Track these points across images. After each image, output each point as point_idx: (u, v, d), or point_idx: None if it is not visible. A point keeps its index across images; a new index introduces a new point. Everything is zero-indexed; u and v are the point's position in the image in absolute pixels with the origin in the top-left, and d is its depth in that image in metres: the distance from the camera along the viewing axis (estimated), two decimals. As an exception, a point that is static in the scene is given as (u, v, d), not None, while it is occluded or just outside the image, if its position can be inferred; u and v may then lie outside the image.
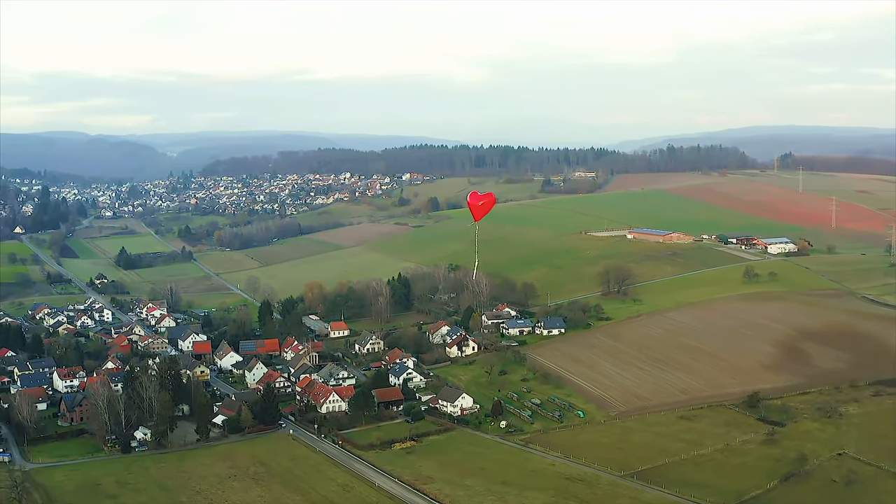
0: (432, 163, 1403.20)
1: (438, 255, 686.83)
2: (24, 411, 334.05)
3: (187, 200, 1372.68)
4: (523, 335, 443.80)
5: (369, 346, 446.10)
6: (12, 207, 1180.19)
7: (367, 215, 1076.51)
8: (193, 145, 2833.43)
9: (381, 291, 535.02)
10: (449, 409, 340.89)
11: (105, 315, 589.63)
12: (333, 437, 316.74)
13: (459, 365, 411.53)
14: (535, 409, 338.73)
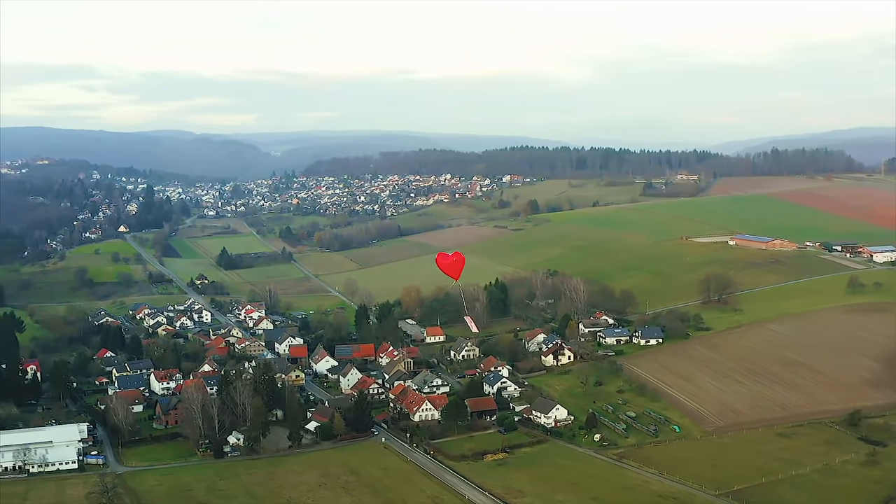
0: (533, 164, 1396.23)
1: (537, 260, 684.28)
2: (120, 414, 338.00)
3: (289, 200, 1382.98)
4: (620, 344, 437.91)
5: (464, 353, 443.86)
6: (117, 206, 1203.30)
7: (467, 217, 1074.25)
8: (297, 145, 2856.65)
9: (477, 297, 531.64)
10: (542, 420, 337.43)
11: (204, 316, 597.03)
12: (425, 446, 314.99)
13: (554, 374, 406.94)
14: (629, 423, 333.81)
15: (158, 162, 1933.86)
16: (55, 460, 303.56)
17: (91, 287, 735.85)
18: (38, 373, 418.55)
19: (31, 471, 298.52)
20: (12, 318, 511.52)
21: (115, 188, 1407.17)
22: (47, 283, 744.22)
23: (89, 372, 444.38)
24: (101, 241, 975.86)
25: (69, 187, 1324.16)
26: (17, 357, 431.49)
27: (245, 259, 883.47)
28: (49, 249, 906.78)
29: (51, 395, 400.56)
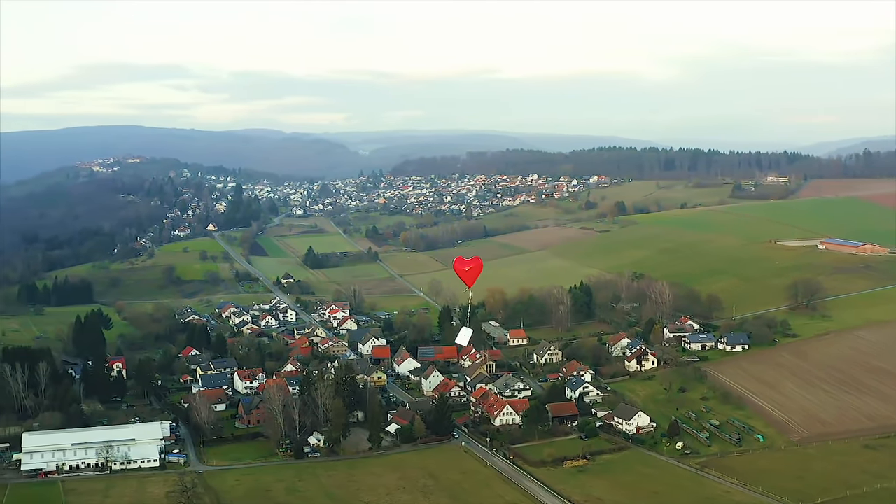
0: (620, 165, 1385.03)
1: (622, 262, 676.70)
2: (203, 412, 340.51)
3: (376, 200, 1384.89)
4: (705, 350, 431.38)
5: (547, 357, 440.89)
6: (206, 205, 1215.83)
7: (553, 218, 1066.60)
8: (385, 144, 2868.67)
9: (561, 299, 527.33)
10: (624, 426, 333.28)
11: (289, 315, 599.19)
12: (505, 451, 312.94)
13: (638, 380, 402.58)
14: (712, 431, 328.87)
15: (248, 161, 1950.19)
16: (137, 458, 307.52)
17: (178, 285, 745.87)
18: (123, 370, 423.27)
19: (114, 468, 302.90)
20: (100, 315, 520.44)
21: (205, 187, 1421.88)
22: (136, 280, 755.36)
23: (174, 370, 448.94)
24: (189, 239, 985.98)
25: (159, 185, 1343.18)
26: (103, 354, 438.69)
27: (331, 258, 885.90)
28: (138, 247, 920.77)
29: (135, 392, 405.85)
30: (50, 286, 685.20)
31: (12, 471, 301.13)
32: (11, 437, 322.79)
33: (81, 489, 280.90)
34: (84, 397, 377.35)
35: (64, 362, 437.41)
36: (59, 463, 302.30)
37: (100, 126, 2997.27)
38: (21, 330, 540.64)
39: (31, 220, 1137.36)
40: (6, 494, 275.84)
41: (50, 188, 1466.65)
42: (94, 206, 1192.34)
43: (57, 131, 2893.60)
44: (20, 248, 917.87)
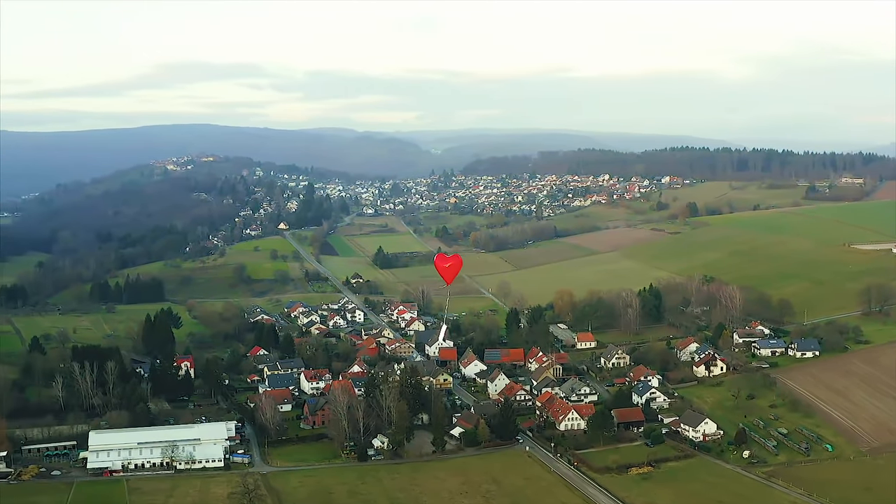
0: (693, 165, 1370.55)
1: (693, 265, 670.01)
2: (268, 413, 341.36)
3: (447, 199, 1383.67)
4: (775, 356, 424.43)
5: (614, 361, 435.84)
6: (278, 204, 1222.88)
7: (624, 219, 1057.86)
8: (457, 143, 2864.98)
9: (630, 303, 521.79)
10: (690, 433, 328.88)
11: (357, 316, 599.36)
12: (569, 456, 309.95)
13: (705, 386, 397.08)
14: (780, 440, 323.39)
15: (320, 159, 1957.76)
16: (202, 458, 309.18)
17: (249, 284, 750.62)
18: (191, 369, 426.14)
19: (178, 468, 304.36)
20: (170, 314, 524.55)
21: (277, 185, 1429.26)
22: (207, 279, 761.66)
23: (241, 369, 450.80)
24: (260, 238, 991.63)
25: (232, 184, 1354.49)
26: (172, 353, 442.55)
27: (401, 258, 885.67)
28: (210, 246, 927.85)
29: (203, 391, 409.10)
30: (122, 284, 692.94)
31: (79, 469, 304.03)
32: (79, 435, 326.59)
33: (146, 488, 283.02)
34: (151, 396, 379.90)
35: (133, 361, 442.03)
36: (124, 462, 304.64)
37: (175, 125, 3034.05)
38: (92, 328, 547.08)
39: (106, 218, 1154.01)
40: (72, 492, 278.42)
41: (125, 186, 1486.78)
42: (168, 204, 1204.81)
43: (133, 130, 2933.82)
44: (94, 247, 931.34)
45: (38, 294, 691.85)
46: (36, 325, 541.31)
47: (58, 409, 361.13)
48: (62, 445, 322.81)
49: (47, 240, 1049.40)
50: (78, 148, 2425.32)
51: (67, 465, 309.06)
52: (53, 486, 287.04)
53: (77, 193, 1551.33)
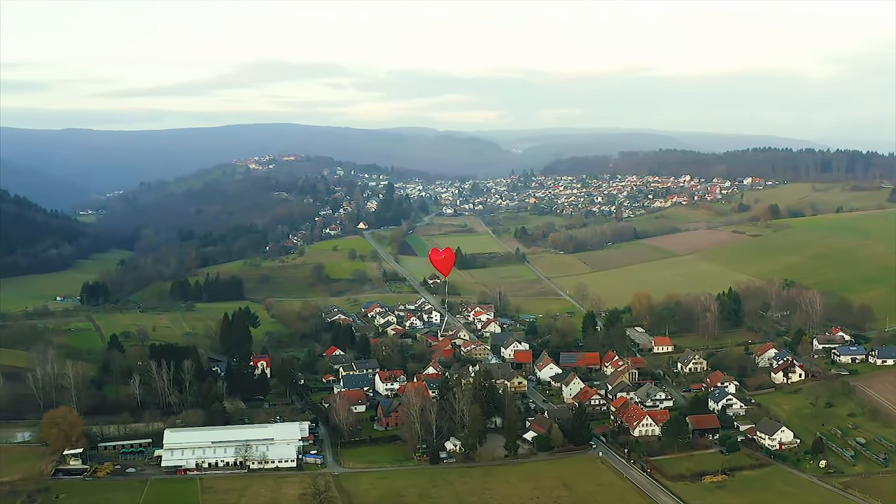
0: (775, 166, 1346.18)
1: (774, 268, 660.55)
2: (342, 414, 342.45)
3: (526, 200, 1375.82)
4: (855, 363, 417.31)
5: (691, 366, 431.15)
6: (357, 203, 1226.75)
7: (705, 221, 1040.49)
8: (537, 142, 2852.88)
9: (708, 307, 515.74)
10: (766, 442, 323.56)
11: (433, 317, 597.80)
12: (643, 463, 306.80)
13: (783, 393, 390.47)
14: (858, 450, 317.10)
15: (401, 159, 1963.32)
16: (275, 458, 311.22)
17: (327, 283, 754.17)
18: (267, 368, 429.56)
19: (252, 467, 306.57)
20: (247, 313, 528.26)
21: (357, 185, 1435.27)
22: (285, 277, 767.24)
23: (317, 369, 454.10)
24: (340, 237, 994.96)
25: (312, 184, 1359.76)
26: (248, 352, 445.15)
27: (479, 259, 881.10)
28: (289, 245, 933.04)
29: (278, 391, 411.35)
30: (202, 283, 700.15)
31: (153, 467, 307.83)
32: (154, 433, 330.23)
33: (218, 487, 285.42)
34: (227, 395, 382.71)
35: (210, 359, 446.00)
36: (198, 460, 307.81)
37: (258, 124, 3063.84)
38: (171, 326, 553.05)
39: (188, 216, 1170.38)
40: (145, 490, 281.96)
41: (207, 185, 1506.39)
42: (249, 203, 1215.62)
43: (217, 129, 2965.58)
44: (175, 245, 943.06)
45: (119, 291, 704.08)
46: (116, 322, 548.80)
47: (134, 406, 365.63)
48: (137, 443, 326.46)
49: (130, 238, 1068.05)
50: (162, 147, 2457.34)
51: (142, 462, 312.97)
52: (128, 483, 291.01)
53: (160, 192, 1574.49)
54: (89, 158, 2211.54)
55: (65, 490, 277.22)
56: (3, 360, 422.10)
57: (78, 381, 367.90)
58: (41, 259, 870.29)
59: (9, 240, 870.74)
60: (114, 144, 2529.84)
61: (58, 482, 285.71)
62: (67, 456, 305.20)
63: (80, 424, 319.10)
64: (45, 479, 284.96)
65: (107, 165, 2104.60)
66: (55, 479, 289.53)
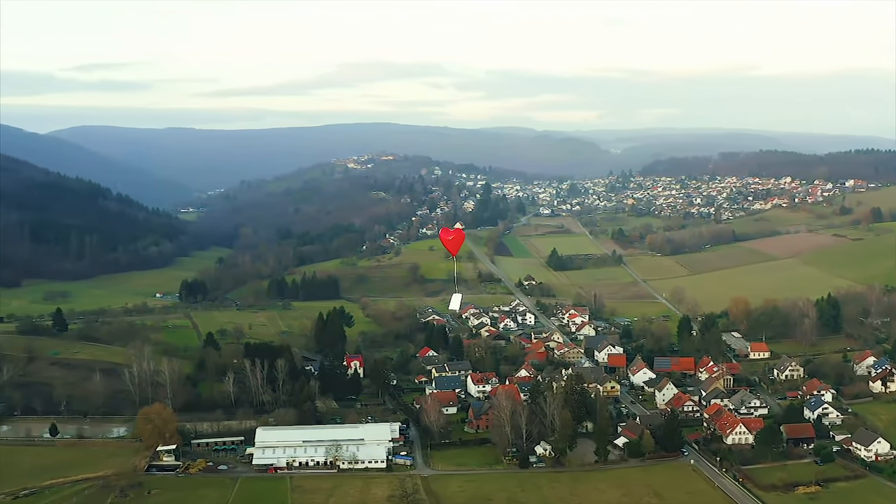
0: (878, 168, 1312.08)
1: (875, 273, 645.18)
2: (432, 415, 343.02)
3: (624, 200, 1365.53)
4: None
5: (787, 373, 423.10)
6: (454, 203, 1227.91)
7: (805, 224, 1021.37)
8: (637, 143, 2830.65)
9: (807, 312, 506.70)
10: (862, 453, 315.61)
11: (527, 318, 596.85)
12: (735, 472, 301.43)
13: (881, 402, 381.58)
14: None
15: (498, 159, 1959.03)
16: (365, 458, 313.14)
17: (422, 283, 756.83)
18: (360, 368, 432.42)
19: (342, 467, 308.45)
20: (342, 312, 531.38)
21: (454, 185, 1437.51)
22: (381, 277, 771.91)
23: (410, 370, 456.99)
24: (436, 237, 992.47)
25: (410, 183, 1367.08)
26: (342, 352, 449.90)
27: (575, 260, 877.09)
28: (386, 244, 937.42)
29: (370, 391, 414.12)
30: (298, 281, 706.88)
31: (244, 464, 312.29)
32: (247, 430, 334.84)
33: (308, 486, 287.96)
34: (320, 394, 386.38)
35: (304, 358, 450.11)
36: (289, 459, 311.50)
37: (357, 123, 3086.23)
38: (267, 324, 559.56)
39: (286, 215, 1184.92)
40: (236, 487, 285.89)
41: (306, 184, 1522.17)
42: (347, 202, 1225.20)
43: (316, 128, 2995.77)
44: (274, 243, 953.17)
45: (217, 289, 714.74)
46: (213, 320, 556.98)
47: (228, 404, 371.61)
48: (230, 440, 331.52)
49: (230, 236, 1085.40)
50: (262, 145, 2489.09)
51: (234, 460, 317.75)
52: (219, 480, 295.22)
53: (260, 190, 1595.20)
54: (191, 157, 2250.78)
55: (157, 486, 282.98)
56: (102, 356, 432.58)
57: (173, 378, 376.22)
58: (142, 256, 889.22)
59: (111, 237, 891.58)
60: (215, 143, 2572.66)
61: (151, 478, 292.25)
62: (161, 452, 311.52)
63: (173, 421, 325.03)
64: (139, 474, 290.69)
65: (208, 164, 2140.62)
66: (148, 474, 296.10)
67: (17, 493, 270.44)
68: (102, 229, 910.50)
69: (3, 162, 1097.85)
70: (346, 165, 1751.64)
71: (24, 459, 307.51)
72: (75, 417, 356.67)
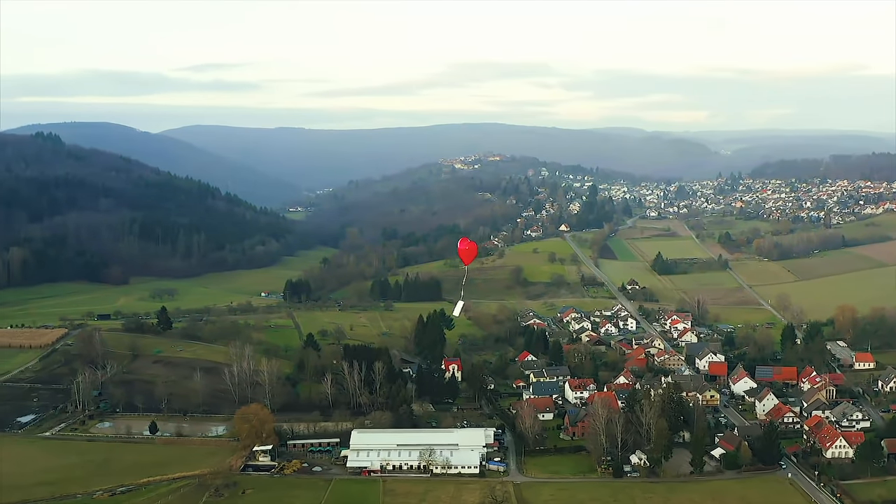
0: None
1: None
2: (528, 421, 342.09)
3: (732, 203, 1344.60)
4: None
5: (892, 385, 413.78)
6: (560, 205, 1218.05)
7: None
8: (746, 144, 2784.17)
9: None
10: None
11: (629, 324, 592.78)
12: (833, 487, 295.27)
13: None
14: None
15: (606, 160, 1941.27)
16: (458, 463, 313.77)
17: (525, 286, 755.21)
18: (458, 372, 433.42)
19: (435, 471, 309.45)
20: (442, 315, 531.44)
21: (561, 186, 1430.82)
22: (484, 279, 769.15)
23: (508, 374, 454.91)
24: (540, 239, 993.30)
25: (516, 184, 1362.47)
26: (441, 355, 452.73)
27: (680, 264, 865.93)
28: (490, 246, 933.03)
29: (467, 395, 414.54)
30: (401, 282, 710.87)
31: (339, 466, 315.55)
32: (342, 432, 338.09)
33: (400, 490, 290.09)
34: (416, 398, 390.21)
35: (402, 361, 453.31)
36: (383, 462, 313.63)
37: (465, 123, 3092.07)
38: (369, 325, 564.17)
39: (392, 215, 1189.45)
40: (329, 489, 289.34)
41: (413, 184, 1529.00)
42: (452, 203, 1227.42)
43: (425, 128, 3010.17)
44: (378, 244, 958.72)
45: (321, 289, 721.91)
46: (316, 320, 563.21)
47: (325, 405, 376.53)
48: (325, 442, 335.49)
49: (336, 235, 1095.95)
50: (371, 145, 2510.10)
51: (329, 461, 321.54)
52: (313, 481, 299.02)
53: (367, 190, 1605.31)
54: (301, 156, 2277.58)
55: (252, 485, 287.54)
56: (203, 355, 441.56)
57: (272, 379, 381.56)
58: (249, 255, 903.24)
59: (219, 236, 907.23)
60: (325, 143, 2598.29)
61: (246, 477, 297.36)
62: (257, 452, 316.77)
63: (270, 421, 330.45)
64: (234, 473, 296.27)
65: (317, 163, 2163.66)
66: (244, 474, 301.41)
67: (114, 490, 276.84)
68: (210, 228, 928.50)
69: (115, 161, 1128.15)
70: (452, 166, 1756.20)
71: (124, 457, 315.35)
72: (175, 415, 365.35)
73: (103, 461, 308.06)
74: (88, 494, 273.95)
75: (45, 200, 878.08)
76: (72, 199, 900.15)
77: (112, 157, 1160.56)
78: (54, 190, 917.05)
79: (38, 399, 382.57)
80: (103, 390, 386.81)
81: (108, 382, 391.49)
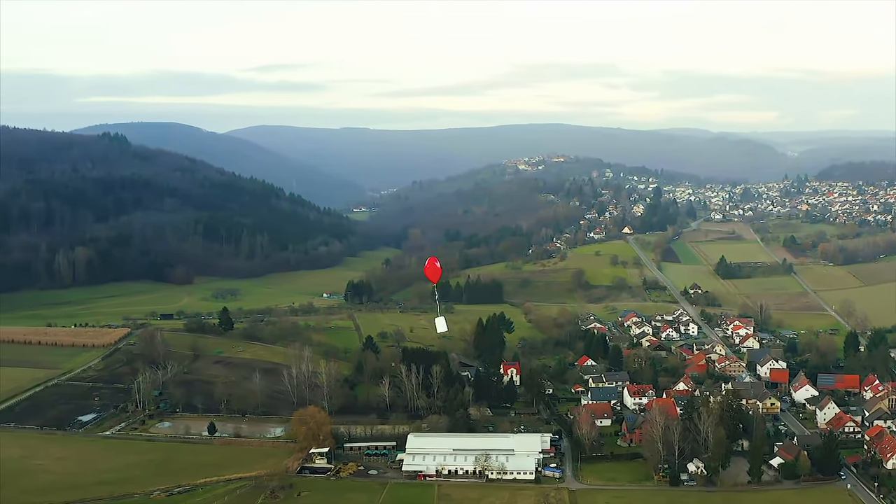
0: None
1: None
2: (585, 427, 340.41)
3: (798, 206, 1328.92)
4: None
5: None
6: (623, 207, 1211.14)
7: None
8: (814, 145, 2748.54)
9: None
10: None
11: (690, 329, 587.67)
12: (892, 499, 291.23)
13: None
14: None
15: (671, 161, 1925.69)
16: (514, 469, 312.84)
17: (586, 289, 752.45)
18: (516, 376, 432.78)
19: (490, 477, 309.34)
20: (502, 318, 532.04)
21: (624, 188, 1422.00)
22: (545, 282, 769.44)
23: (567, 378, 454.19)
24: (603, 242, 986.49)
25: (579, 186, 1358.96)
26: (499, 359, 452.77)
27: (743, 268, 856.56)
28: (552, 248, 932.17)
29: (525, 399, 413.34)
30: (462, 284, 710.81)
31: (395, 470, 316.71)
32: (399, 436, 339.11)
33: (454, 495, 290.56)
34: (474, 402, 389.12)
35: (461, 364, 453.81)
36: (438, 466, 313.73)
37: (530, 124, 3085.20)
38: (428, 327, 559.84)
39: (455, 216, 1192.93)
40: (384, 493, 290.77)
41: (477, 185, 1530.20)
42: (515, 204, 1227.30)
43: (489, 129, 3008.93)
44: (441, 245, 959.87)
45: (383, 290, 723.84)
46: (376, 321, 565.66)
47: (383, 408, 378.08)
48: (382, 445, 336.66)
49: (399, 236, 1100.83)
50: (436, 146, 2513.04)
51: (385, 465, 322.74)
52: (368, 485, 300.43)
53: (431, 191, 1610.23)
54: (365, 157, 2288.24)
55: (307, 488, 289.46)
56: (263, 356, 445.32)
57: (330, 381, 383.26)
58: (311, 256, 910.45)
59: (282, 236, 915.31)
60: (390, 143, 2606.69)
61: (302, 479, 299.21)
62: (314, 454, 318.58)
63: (328, 423, 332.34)
64: (291, 475, 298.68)
65: (382, 164, 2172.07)
66: (300, 476, 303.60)
67: (171, 490, 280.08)
68: (274, 228, 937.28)
69: (180, 162, 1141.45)
70: (516, 167, 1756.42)
71: (182, 457, 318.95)
72: (234, 416, 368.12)
73: (162, 461, 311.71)
74: (146, 494, 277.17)
75: (111, 200, 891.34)
76: (137, 200, 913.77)
77: (177, 158, 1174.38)
78: (120, 190, 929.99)
79: (100, 398, 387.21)
80: (163, 390, 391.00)
81: (169, 382, 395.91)
